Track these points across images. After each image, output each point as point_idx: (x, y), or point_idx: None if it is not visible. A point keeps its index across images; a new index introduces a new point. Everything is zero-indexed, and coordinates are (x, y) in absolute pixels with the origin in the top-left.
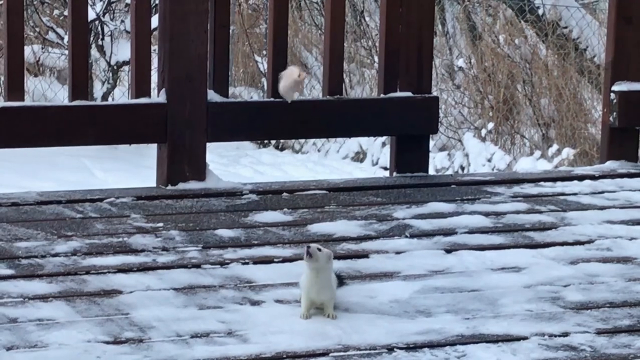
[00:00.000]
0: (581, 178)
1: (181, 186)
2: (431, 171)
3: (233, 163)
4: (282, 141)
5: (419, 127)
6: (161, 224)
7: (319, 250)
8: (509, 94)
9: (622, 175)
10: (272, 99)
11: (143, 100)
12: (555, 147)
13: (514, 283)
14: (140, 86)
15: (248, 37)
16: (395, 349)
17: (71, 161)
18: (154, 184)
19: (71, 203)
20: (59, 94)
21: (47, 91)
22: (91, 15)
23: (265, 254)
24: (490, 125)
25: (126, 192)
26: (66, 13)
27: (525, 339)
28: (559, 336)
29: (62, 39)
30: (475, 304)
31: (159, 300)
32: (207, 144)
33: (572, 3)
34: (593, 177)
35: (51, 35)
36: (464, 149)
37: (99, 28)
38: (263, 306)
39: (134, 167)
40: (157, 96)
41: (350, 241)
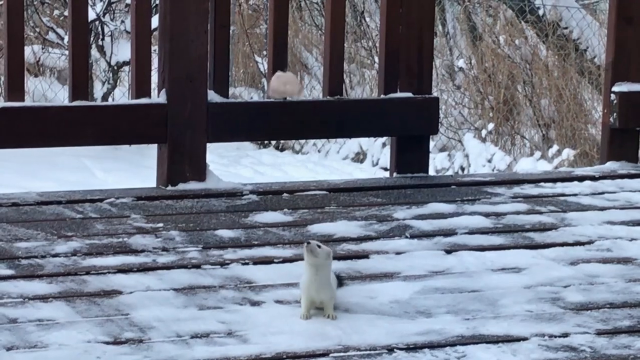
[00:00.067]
0: (581, 179)
1: (181, 186)
2: (431, 172)
3: (233, 163)
4: (282, 142)
5: (419, 128)
6: (161, 225)
7: (319, 247)
8: (509, 95)
9: (622, 176)
10: (272, 99)
11: (143, 100)
12: (556, 147)
13: (514, 284)
14: (141, 86)
15: (248, 38)
16: (395, 350)
17: (71, 161)
18: (154, 184)
19: (71, 203)
20: (59, 95)
21: (47, 91)
22: (91, 15)
23: (266, 254)
24: (491, 126)
25: (126, 193)
26: (66, 13)
27: (525, 339)
28: (559, 337)
29: (63, 39)
30: (476, 304)
31: (159, 300)
32: (208, 144)
33: (573, 4)
34: (593, 178)
35: (51, 36)
36: (464, 150)
37: (99, 28)
38: (263, 306)
39: (134, 167)
40: (157, 96)
41: (351, 242)
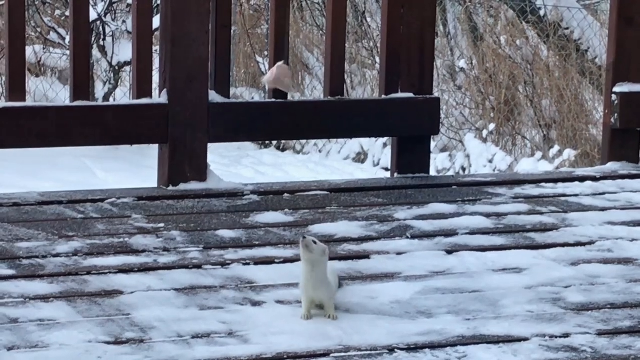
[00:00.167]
0: (582, 179)
1: (182, 187)
2: (432, 172)
3: (234, 164)
4: (283, 142)
5: (420, 128)
6: (162, 225)
7: (315, 243)
8: (510, 95)
9: (623, 177)
10: (273, 99)
11: (144, 100)
12: (557, 148)
13: (515, 284)
14: (142, 87)
15: (249, 38)
16: (396, 350)
17: (72, 161)
18: (155, 184)
19: (72, 203)
20: (60, 95)
21: (48, 91)
22: (93, 15)
23: (266, 254)
24: (492, 126)
25: (127, 193)
26: (67, 13)
27: (526, 340)
28: (560, 337)
29: (64, 39)
30: (476, 304)
31: (160, 300)
32: (209, 144)
33: (574, 4)
34: (594, 179)
35: (53, 36)
36: (465, 150)
37: (101, 28)
38: (264, 307)
39: (135, 167)
40: (158, 97)
41: (352, 242)
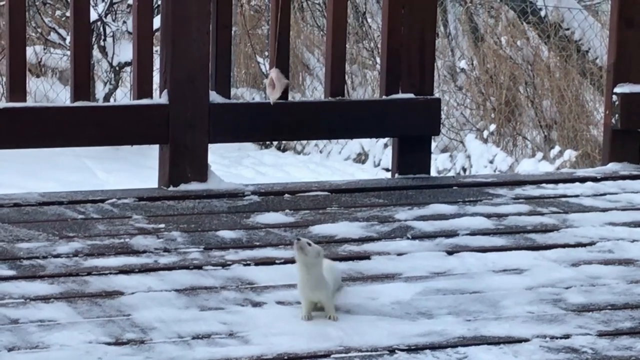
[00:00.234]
0: (583, 180)
1: (183, 187)
2: (433, 173)
3: (235, 164)
4: (284, 142)
5: (420, 129)
6: (163, 225)
7: (309, 245)
8: (511, 96)
9: (624, 177)
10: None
11: (145, 101)
12: (557, 148)
13: (516, 285)
14: (142, 87)
15: (250, 38)
16: (396, 351)
17: (73, 162)
18: (155, 184)
19: (73, 204)
20: (60, 95)
21: (49, 92)
22: (93, 16)
23: (267, 255)
24: (492, 127)
25: (128, 193)
26: (68, 14)
27: (526, 340)
28: (561, 338)
29: (64, 39)
30: (477, 305)
31: (160, 301)
32: (209, 145)
33: (575, 5)
34: (595, 179)
35: (53, 36)
36: (465, 151)
37: (101, 29)
38: (264, 307)
39: (135, 167)
40: (159, 97)
41: (352, 242)
